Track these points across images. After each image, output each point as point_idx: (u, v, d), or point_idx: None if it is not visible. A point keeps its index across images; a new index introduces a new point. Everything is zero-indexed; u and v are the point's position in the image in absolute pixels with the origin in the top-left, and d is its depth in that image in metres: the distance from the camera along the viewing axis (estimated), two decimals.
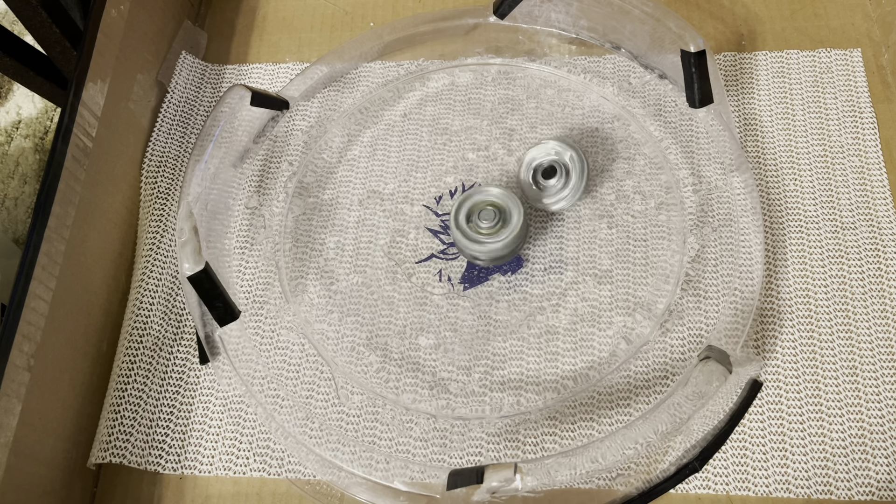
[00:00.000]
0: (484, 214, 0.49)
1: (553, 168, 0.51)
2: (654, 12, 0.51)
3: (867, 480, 0.44)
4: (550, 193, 0.51)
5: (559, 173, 0.50)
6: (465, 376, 0.48)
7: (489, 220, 0.48)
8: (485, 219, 0.48)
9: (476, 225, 0.49)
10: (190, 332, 0.51)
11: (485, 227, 0.48)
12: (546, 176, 0.51)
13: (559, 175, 0.50)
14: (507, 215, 0.49)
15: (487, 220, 0.48)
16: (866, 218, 0.51)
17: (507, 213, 0.49)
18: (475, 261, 0.51)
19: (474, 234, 0.48)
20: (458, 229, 0.48)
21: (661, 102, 0.56)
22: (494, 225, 0.48)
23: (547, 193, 0.51)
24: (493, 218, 0.48)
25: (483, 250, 0.48)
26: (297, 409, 0.47)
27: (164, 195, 0.55)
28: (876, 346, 0.47)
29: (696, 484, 0.44)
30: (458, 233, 0.48)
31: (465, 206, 0.49)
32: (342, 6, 0.64)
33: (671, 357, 0.48)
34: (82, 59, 0.50)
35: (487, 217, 0.48)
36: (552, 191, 0.51)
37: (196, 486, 0.47)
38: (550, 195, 0.51)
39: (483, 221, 0.48)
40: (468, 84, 0.58)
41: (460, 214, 0.49)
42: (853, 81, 0.55)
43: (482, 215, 0.49)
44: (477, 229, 0.49)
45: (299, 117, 0.58)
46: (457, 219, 0.49)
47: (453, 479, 0.39)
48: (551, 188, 0.51)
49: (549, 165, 0.51)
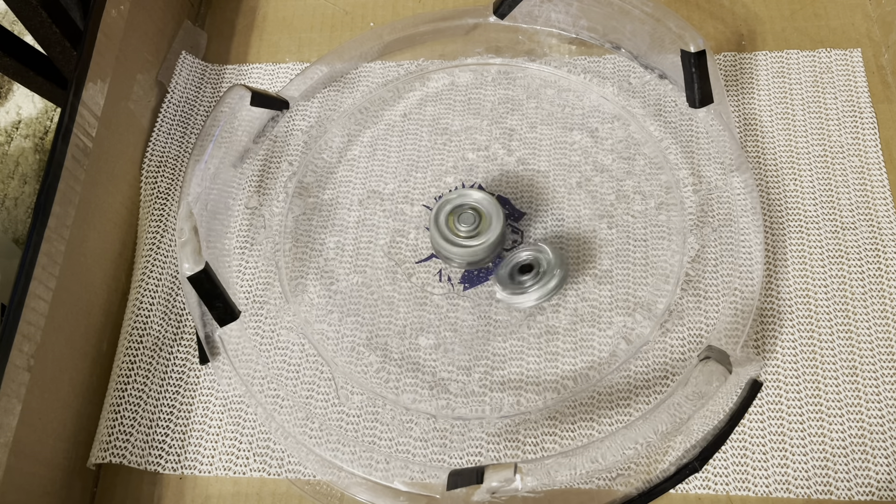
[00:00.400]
0: (464, 218, 0.49)
1: (529, 266, 0.49)
2: (654, 12, 0.51)
3: (867, 480, 0.44)
4: (523, 289, 0.48)
5: (535, 270, 0.49)
6: (465, 376, 0.48)
7: (468, 224, 0.48)
8: (464, 222, 0.49)
9: (455, 227, 0.49)
10: (190, 332, 0.51)
11: (463, 231, 0.49)
12: (522, 272, 0.49)
13: (534, 272, 0.48)
14: (487, 221, 0.49)
15: (466, 224, 0.48)
16: (866, 218, 0.51)
17: (487, 218, 0.49)
18: (448, 262, 0.51)
19: (452, 237, 0.48)
20: (438, 231, 0.49)
21: (661, 102, 0.56)
22: (473, 229, 0.48)
23: (521, 289, 0.49)
24: (473, 222, 0.48)
25: (459, 253, 0.48)
26: (297, 409, 0.47)
27: (164, 195, 0.55)
28: (876, 346, 0.47)
29: (696, 484, 0.44)
30: (437, 233, 0.49)
31: (447, 208, 0.49)
32: (342, 6, 0.64)
33: (671, 357, 0.48)
34: (82, 59, 0.50)
35: (467, 221, 0.49)
36: (525, 287, 0.49)
37: (196, 486, 0.47)
38: (523, 292, 0.48)
39: (462, 225, 0.49)
40: (468, 84, 0.58)
41: (441, 215, 0.49)
42: (853, 81, 0.55)
43: (462, 219, 0.49)
44: (455, 231, 0.49)
45: (299, 117, 0.58)
46: (437, 220, 0.49)
47: (453, 479, 0.39)
48: (525, 283, 0.49)
49: (525, 263, 0.49)
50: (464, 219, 0.49)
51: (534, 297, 0.47)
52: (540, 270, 0.48)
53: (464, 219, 0.49)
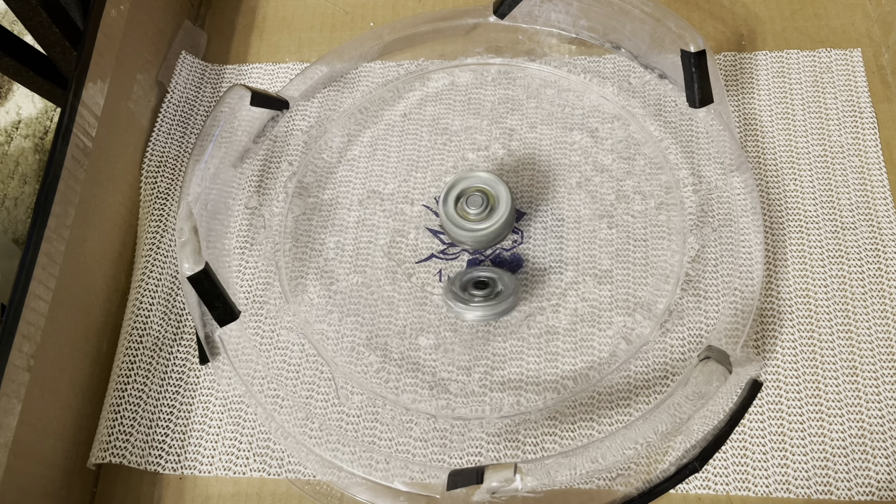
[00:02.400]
0: (472, 200, 0.49)
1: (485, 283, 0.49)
2: (654, 12, 0.51)
3: (867, 480, 0.44)
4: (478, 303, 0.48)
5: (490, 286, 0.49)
6: (465, 376, 0.48)
7: (477, 207, 0.49)
8: (472, 205, 0.49)
9: (464, 210, 0.49)
10: (190, 332, 0.51)
11: (473, 213, 0.49)
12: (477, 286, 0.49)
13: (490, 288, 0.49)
14: (495, 201, 0.49)
15: (475, 207, 0.49)
16: (866, 218, 0.51)
17: (495, 199, 0.49)
18: (461, 244, 0.51)
19: (461, 220, 0.49)
20: (447, 215, 0.49)
21: (661, 102, 0.56)
22: (483, 211, 0.49)
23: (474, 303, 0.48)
24: (482, 204, 0.49)
25: (471, 236, 0.49)
26: (297, 409, 0.47)
27: (164, 195, 0.55)
28: (876, 346, 0.47)
29: (696, 484, 0.44)
30: (446, 218, 0.49)
31: (454, 191, 0.50)
32: (342, 6, 0.64)
33: (671, 357, 0.48)
34: (82, 59, 0.50)
35: (475, 203, 0.49)
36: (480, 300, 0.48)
37: (196, 486, 0.47)
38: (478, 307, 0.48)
39: (471, 207, 0.49)
40: (468, 84, 0.58)
41: (449, 199, 0.49)
42: (853, 81, 0.55)
43: (470, 201, 0.49)
44: (465, 215, 0.49)
45: (299, 117, 0.58)
46: (445, 204, 0.49)
47: (453, 480, 0.39)
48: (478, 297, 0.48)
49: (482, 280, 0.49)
50: (472, 201, 0.49)
51: (478, 313, 0.47)
52: (493, 292, 0.48)
53: (472, 201, 0.49)
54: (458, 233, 0.49)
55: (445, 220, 0.49)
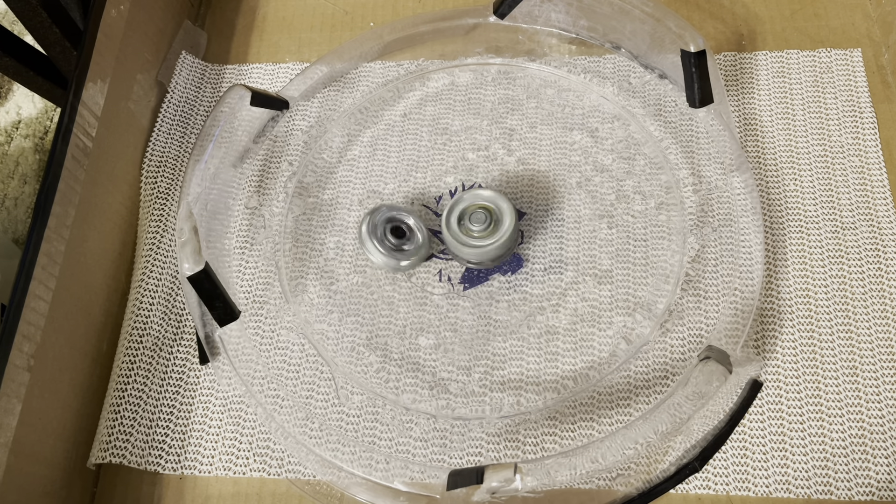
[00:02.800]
0: (475, 217, 0.49)
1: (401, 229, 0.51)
2: (654, 12, 0.51)
3: (867, 480, 0.44)
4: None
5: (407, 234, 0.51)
6: (465, 376, 0.48)
7: (480, 224, 0.48)
8: (476, 221, 0.48)
9: (467, 228, 0.49)
10: (190, 332, 0.51)
11: (476, 230, 0.48)
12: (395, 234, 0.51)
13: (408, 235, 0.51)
14: (498, 218, 0.49)
15: (479, 223, 0.48)
16: (866, 218, 0.51)
17: (498, 215, 0.49)
18: (468, 264, 0.51)
19: (465, 238, 0.48)
20: (450, 232, 0.48)
21: (661, 102, 0.56)
22: (486, 228, 0.48)
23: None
24: (485, 221, 0.48)
25: (475, 253, 0.48)
26: (297, 409, 0.47)
27: (164, 195, 0.55)
28: (876, 346, 0.47)
29: (696, 484, 0.44)
30: (450, 236, 0.48)
31: (457, 209, 0.49)
32: (342, 6, 0.64)
33: (671, 357, 0.48)
34: (82, 59, 0.50)
35: (478, 220, 0.48)
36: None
37: (196, 486, 0.47)
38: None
39: (474, 224, 0.48)
40: (468, 84, 0.58)
41: (452, 217, 0.49)
42: (853, 81, 0.55)
43: (473, 218, 0.49)
44: (468, 232, 0.49)
45: (299, 117, 0.58)
46: (448, 222, 0.49)
47: (453, 480, 0.39)
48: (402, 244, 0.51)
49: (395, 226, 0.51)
50: (475, 218, 0.49)
51: (387, 259, 0.49)
52: (409, 239, 0.50)
53: (475, 218, 0.49)
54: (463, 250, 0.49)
55: (450, 239, 0.48)
